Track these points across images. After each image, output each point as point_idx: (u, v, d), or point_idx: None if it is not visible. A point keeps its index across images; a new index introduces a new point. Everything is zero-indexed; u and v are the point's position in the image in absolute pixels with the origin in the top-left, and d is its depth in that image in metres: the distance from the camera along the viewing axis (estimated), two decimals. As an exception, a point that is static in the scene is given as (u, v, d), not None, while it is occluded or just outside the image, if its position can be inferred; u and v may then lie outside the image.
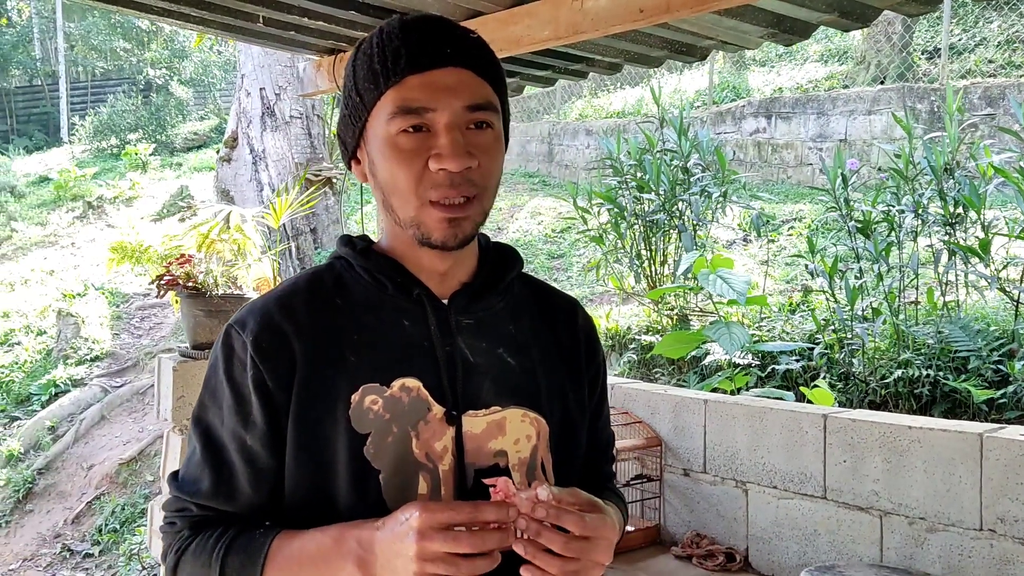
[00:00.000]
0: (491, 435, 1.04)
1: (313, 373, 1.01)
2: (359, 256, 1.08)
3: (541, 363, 1.11)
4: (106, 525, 5.65)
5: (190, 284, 3.18)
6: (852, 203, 3.98)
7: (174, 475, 1.07)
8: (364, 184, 1.09)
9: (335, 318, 1.04)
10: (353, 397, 1.00)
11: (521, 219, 8.53)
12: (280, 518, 1.03)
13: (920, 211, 3.78)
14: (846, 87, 8.35)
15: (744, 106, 8.50)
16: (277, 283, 3.61)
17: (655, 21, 2.50)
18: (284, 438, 1.01)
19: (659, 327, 4.82)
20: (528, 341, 1.11)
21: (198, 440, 1.04)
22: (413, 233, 1.02)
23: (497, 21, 2.85)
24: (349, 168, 1.11)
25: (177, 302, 3.35)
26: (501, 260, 1.14)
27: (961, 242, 3.76)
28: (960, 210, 3.77)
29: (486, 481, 0.93)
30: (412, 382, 1.02)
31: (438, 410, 1.02)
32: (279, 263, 3.86)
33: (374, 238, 1.14)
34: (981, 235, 3.74)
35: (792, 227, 6.32)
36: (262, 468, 1.01)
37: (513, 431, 1.05)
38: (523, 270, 1.21)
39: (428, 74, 0.98)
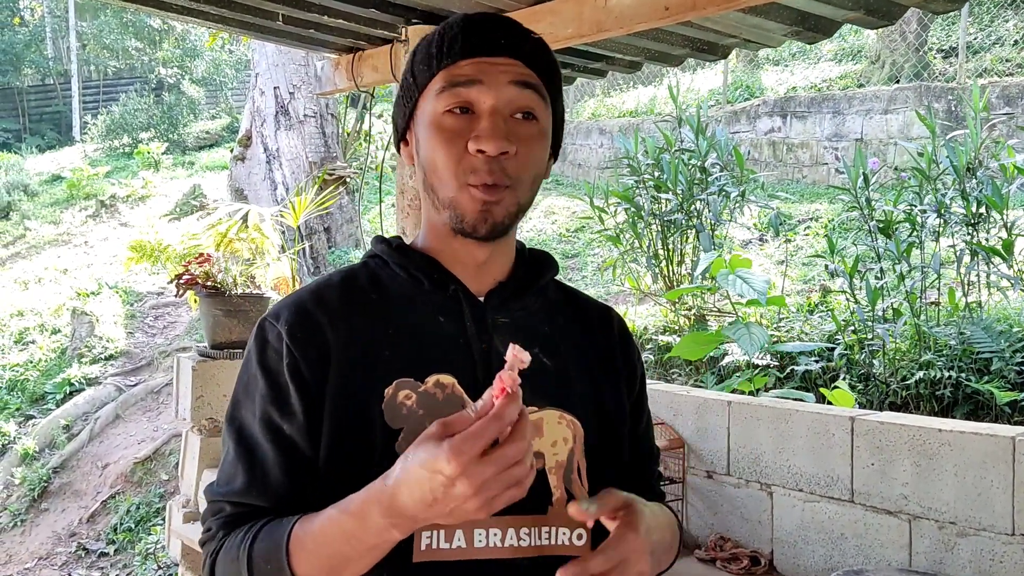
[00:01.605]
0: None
1: (347, 365, 1.00)
2: (395, 253, 1.08)
3: (576, 366, 1.09)
4: (121, 524, 5.66)
5: (209, 283, 3.17)
6: (872, 203, 3.95)
7: (209, 485, 1.05)
8: (377, 184, 1.09)
9: (370, 312, 1.04)
10: (387, 391, 0.98)
11: (535, 218, 8.51)
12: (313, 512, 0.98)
13: (942, 211, 3.75)
14: (861, 86, 8.30)
15: (759, 105, 8.46)
16: (296, 282, 3.61)
17: (680, 19, 2.48)
18: (320, 429, 0.99)
19: (676, 327, 4.80)
20: (563, 344, 1.10)
21: (231, 438, 1.03)
22: (448, 216, 1.01)
23: (520, 19, 2.82)
24: (398, 150, 1.11)
25: (195, 301, 3.35)
26: (536, 263, 1.14)
27: (983, 242, 3.73)
28: (982, 210, 3.73)
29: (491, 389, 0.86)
30: (447, 379, 1.00)
31: (472, 408, 1.00)
32: (298, 262, 3.85)
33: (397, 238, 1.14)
34: (1004, 235, 3.71)
35: (808, 227, 6.28)
36: (299, 457, 0.99)
37: (551, 433, 1.03)
38: (567, 283, 1.20)
39: (481, 59, 1.01)
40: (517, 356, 0.84)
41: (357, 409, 0.98)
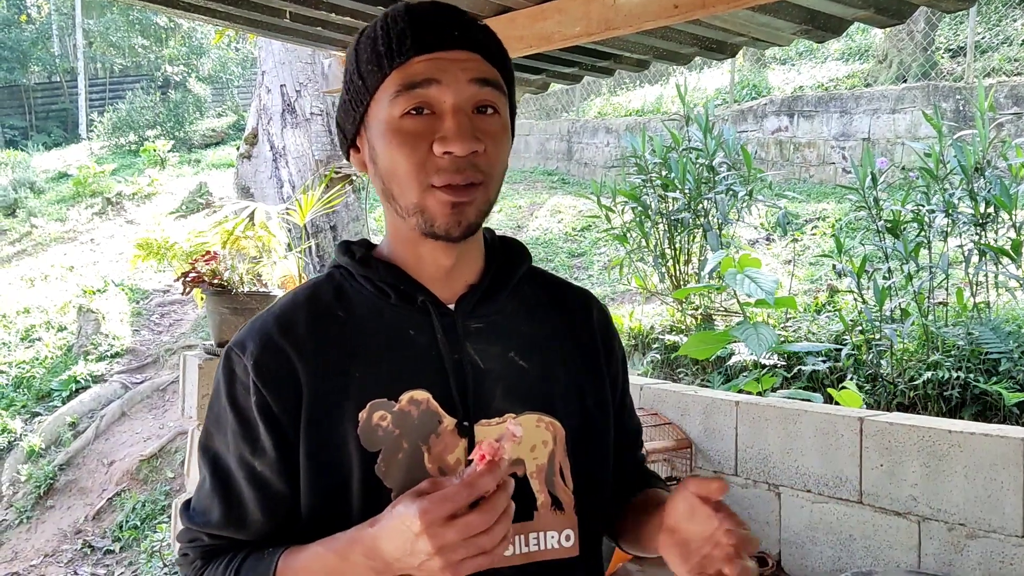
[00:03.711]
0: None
1: (319, 393, 0.97)
2: (359, 265, 1.04)
3: (556, 363, 1.06)
4: (127, 521, 5.67)
5: (215, 281, 3.17)
6: (880, 202, 3.93)
7: (186, 505, 1.04)
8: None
9: (338, 333, 1.00)
10: (361, 415, 0.96)
11: (541, 217, 8.50)
12: (295, 542, 0.98)
13: (950, 211, 3.73)
14: (868, 85, 8.27)
15: (766, 104, 8.44)
16: (303, 280, 3.61)
17: (689, 17, 2.47)
18: (294, 462, 0.97)
19: (683, 327, 4.78)
20: (541, 341, 1.07)
21: (207, 468, 1.01)
22: (416, 222, 0.97)
23: (527, 17, 2.82)
24: (347, 157, 1.06)
25: (202, 299, 3.35)
26: (508, 257, 1.10)
27: (992, 242, 3.71)
28: (991, 210, 3.71)
29: (472, 456, 0.86)
30: (421, 394, 0.98)
31: (449, 422, 0.98)
32: (304, 260, 3.85)
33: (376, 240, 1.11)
34: (1012, 235, 3.69)
35: (816, 226, 6.26)
36: (274, 494, 0.98)
37: (529, 438, 1.01)
38: (543, 268, 1.17)
39: (434, 55, 0.95)
40: (510, 430, 0.85)
41: (333, 437, 0.96)
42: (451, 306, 1.03)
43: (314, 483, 0.96)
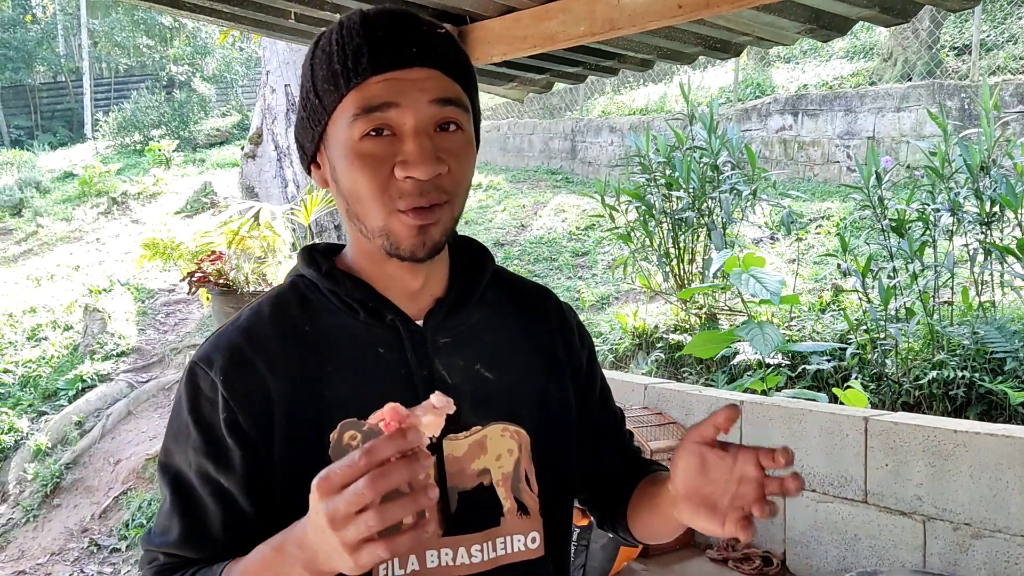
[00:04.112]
0: (473, 455, 1.01)
1: (290, 412, 0.95)
2: (325, 279, 1.01)
3: (520, 371, 1.07)
4: (133, 520, 5.68)
5: (221, 281, 3.18)
6: (885, 201, 3.93)
7: (148, 530, 1.02)
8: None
9: (306, 350, 0.98)
10: (332, 435, 0.95)
11: (545, 216, 8.50)
12: None
13: (956, 210, 3.72)
14: (873, 84, 8.26)
15: (770, 103, 8.43)
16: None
17: (694, 17, 2.47)
18: (264, 480, 0.94)
19: (687, 326, 4.78)
20: (506, 349, 1.07)
21: (167, 487, 0.98)
22: (381, 244, 0.96)
23: (531, 16, 2.82)
24: (308, 173, 1.03)
25: (208, 299, 3.36)
26: (472, 264, 1.09)
27: (997, 241, 3.71)
28: (996, 209, 3.71)
29: (371, 421, 0.82)
30: None
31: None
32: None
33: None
34: (1018, 234, 3.68)
35: (820, 225, 6.26)
36: (239, 511, 0.95)
37: (494, 448, 1.02)
38: (502, 267, 1.17)
39: (392, 74, 0.92)
40: (430, 401, 0.81)
41: (305, 459, 0.93)
42: (419, 322, 1.02)
43: (288, 505, 0.90)
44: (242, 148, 9.61)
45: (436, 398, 0.81)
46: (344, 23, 0.95)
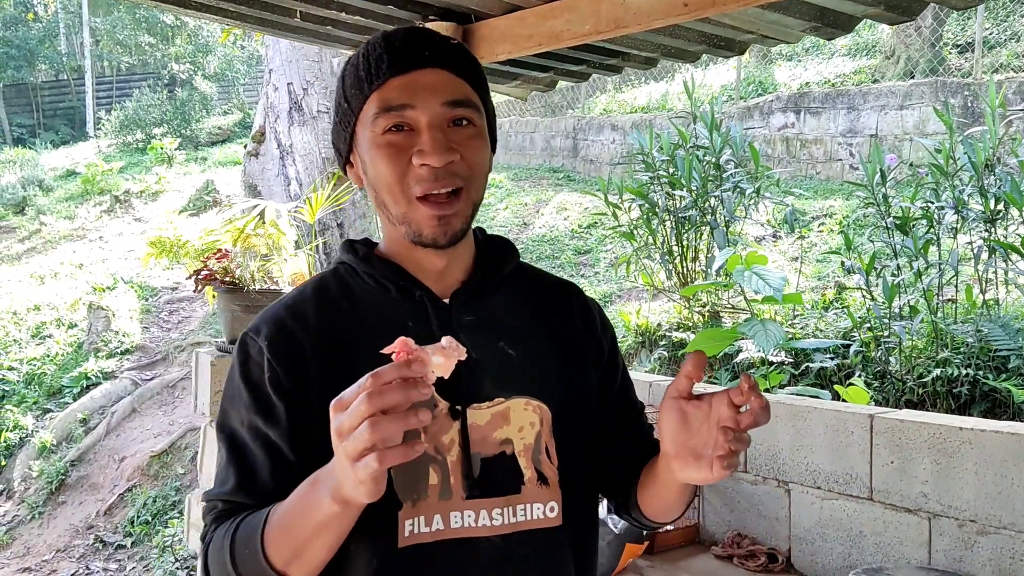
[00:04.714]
0: (496, 425, 1.09)
1: (326, 376, 1.05)
2: (362, 262, 1.14)
3: (540, 351, 1.16)
4: (138, 517, 5.70)
5: (227, 279, 3.19)
6: (889, 199, 3.93)
7: (207, 489, 1.12)
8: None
9: (343, 322, 1.10)
10: None
11: (547, 214, 8.51)
12: None
13: (960, 207, 3.73)
14: (875, 82, 8.25)
15: (772, 101, 8.43)
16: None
17: (699, 15, 2.47)
18: (305, 433, 1.04)
19: (690, 324, 4.79)
20: (527, 331, 1.16)
21: (224, 445, 1.09)
22: (405, 231, 1.08)
23: (536, 15, 2.82)
24: (345, 173, 1.16)
25: (213, 297, 3.37)
26: (497, 255, 1.20)
27: (1002, 239, 3.71)
28: (1001, 207, 3.71)
29: (384, 351, 0.91)
30: None
31: (444, 405, 1.07)
32: (315, 258, 3.86)
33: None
34: (1022, 232, 3.69)
35: (823, 223, 6.26)
36: (284, 460, 1.05)
37: (517, 420, 1.10)
38: (529, 264, 1.26)
39: (408, 75, 1.05)
40: (441, 343, 0.88)
41: None
42: (446, 300, 1.13)
43: (323, 453, 0.98)
44: (245, 146, 9.62)
45: (446, 340, 0.89)
46: (369, 41, 1.11)
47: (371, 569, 1.03)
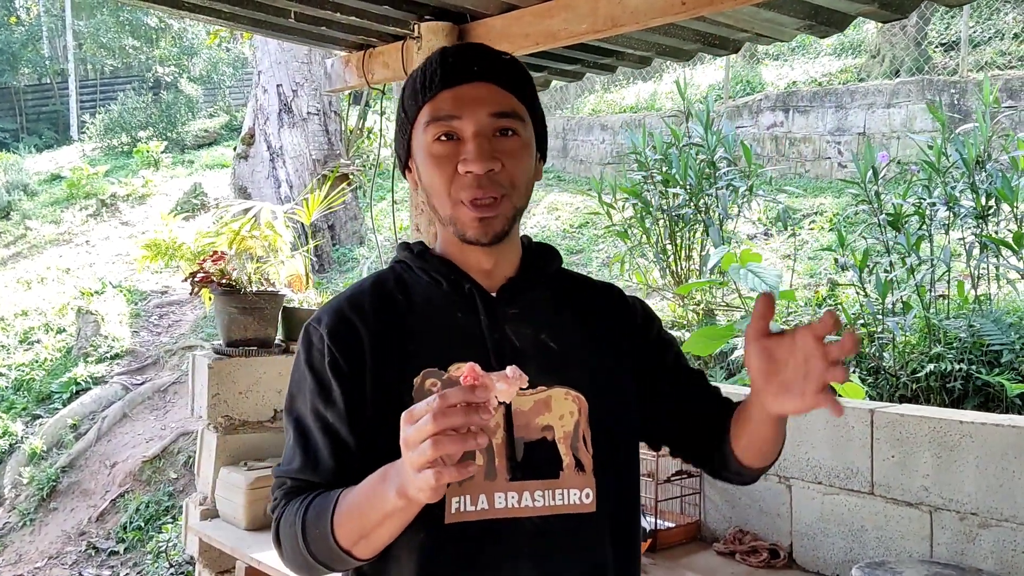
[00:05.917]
0: (538, 412, 1.16)
1: (381, 360, 1.15)
2: (417, 259, 1.24)
3: (581, 347, 1.23)
4: (131, 523, 5.66)
5: (224, 281, 3.17)
6: (881, 196, 3.96)
7: (277, 465, 1.21)
8: (379, 181, 1.19)
9: (398, 312, 1.20)
10: (415, 380, 1.14)
11: (538, 215, 8.51)
12: None
13: (952, 204, 3.76)
14: (861, 80, 8.31)
15: (761, 100, 8.47)
16: (308, 279, 3.62)
17: (696, 13, 2.48)
18: (361, 414, 1.14)
19: (684, 322, 4.81)
20: (568, 327, 1.24)
21: (291, 427, 1.19)
22: (452, 231, 1.17)
23: (533, 15, 2.82)
24: (404, 176, 1.26)
25: (210, 299, 3.35)
26: (542, 258, 1.29)
27: (993, 235, 3.75)
28: (992, 203, 3.75)
29: (453, 372, 1.07)
30: (465, 366, 1.10)
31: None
32: (311, 259, 3.85)
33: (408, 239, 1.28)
34: (1014, 228, 3.72)
35: (813, 221, 6.30)
36: (341, 441, 1.14)
37: (558, 408, 1.17)
38: (572, 270, 1.35)
39: (457, 88, 1.15)
40: (506, 371, 0.94)
41: (392, 397, 1.13)
42: (493, 294, 1.21)
43: (377, 435, 1.12)
44: (234, 149, 9.58)
45: (511, 370, 0.95)
46: (429, 56, 1.20)
47: (418, 542, 1.11)
